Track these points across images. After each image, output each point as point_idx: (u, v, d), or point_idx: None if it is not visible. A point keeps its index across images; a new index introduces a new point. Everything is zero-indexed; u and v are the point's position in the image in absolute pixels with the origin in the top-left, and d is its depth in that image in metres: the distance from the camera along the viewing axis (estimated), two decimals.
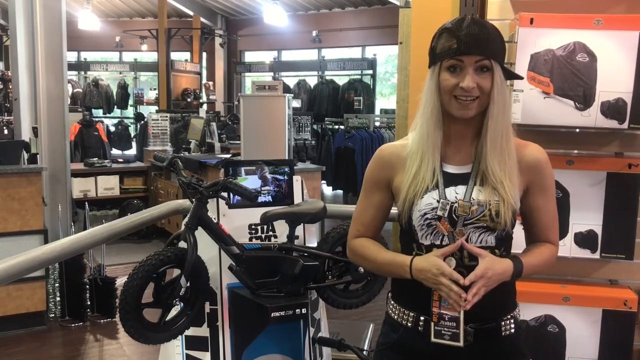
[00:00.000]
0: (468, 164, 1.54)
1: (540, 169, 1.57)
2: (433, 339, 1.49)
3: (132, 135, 13.14)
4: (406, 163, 1.55)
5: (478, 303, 1.46)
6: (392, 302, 1.62)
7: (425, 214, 1.50)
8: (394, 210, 1.66)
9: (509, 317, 1.56)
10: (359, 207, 1.68)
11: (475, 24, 1.47)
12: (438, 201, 1.50)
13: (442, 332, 1.49)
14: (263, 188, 2.54)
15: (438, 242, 1.51)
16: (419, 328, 1.52)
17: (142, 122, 11.99)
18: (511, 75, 1.57)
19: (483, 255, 1.46)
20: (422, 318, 1.52)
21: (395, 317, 1.59)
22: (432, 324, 1.49)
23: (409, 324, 1.55)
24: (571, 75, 2.05)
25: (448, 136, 1.54)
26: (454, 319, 1.47)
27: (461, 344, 1.47)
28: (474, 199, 1.49)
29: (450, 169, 1.54)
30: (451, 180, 1.52)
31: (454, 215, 1.49)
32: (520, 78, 1.61)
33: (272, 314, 2.29)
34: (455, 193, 1.51)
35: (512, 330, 1.56)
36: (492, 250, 1.51)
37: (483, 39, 1.46)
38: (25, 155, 4.76)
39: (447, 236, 1.50)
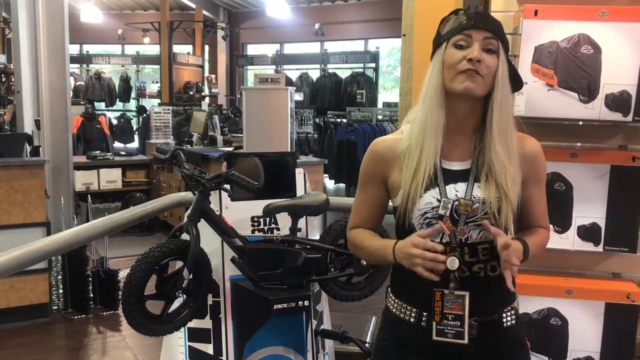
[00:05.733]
0: (467, 159, 1.52)
1: (536, 161, 1.57)
2: (435, 337, 1.48)
3: (135, 128, 13.13)
4: (402, 158, 1.53)
5: (480, 297, 1.47)
6: (392, 296, 1.61)
7: (425, 212, 1.49)
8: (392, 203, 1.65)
9: (509, 308, 1.56)
10: (356, 201, 1.67)
11: (485, 13, 1.50)
12: (438, 200, 1.48)
13: (445, 330, 1.47)
14: None
15: (437, 240, 1.49)
16: (422, 323, 1.51)
17: (145, 115, 11.97)
18: (515, 83, 1.54)
19: (501, 235, 1.43)
20: (424, 313, 1.51)
21: (397, 312, 1.57)
22: (434, 323, 1.48)
23: (412, 320, 1.53)
24: (575, 68, 2.04)
25: (447, 129, 1.51)
26: (458, 317, 1.46)
27: (465, 341, 1.46)
28: (475, 197, 1.47)
29: (450, 165, 1.52)
30: (451, 177, 1.50)
31: (455, 214, 1.48)
32: (521, 86, 1.59)
33: (275, 306, 2.30)
34: (455, 191, 1.49)
35: (513, 322, 1.56)
36: (491, 245, 1.49)
37: (492, 20, 1.48)
38: (28, 148, 4.76)
39: (449, 235, 1.48)
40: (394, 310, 1.59)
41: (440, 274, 1.42)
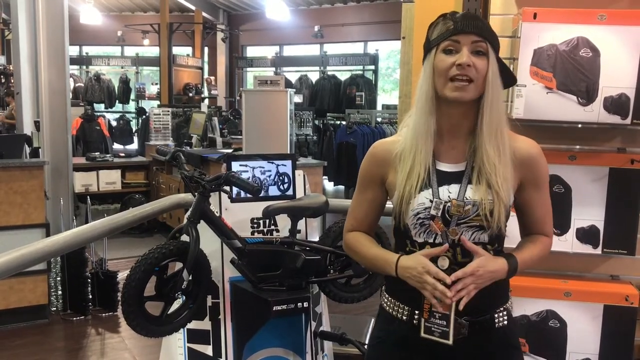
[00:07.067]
0: (462, 162, 1.53)
1: (534, 163, 1.56)
2: (423, 334, 1.50)
3: (134, 129, 13.14)
4: (397, 160, 1.55)
5: (472, 296, 1.47)
6: (387, 295, 1.62)
7: (418, 213, 1.50)
8: (390, 205, 1.66)
9: (502, 309, 1.57)
10: (354, 202, 1.69)
11: (472, 15, 1.52)
12: (431, 201, 1.49)
13: (432, 328, 1.49)
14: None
15: (431, 240, 1.51)
16: (414, 322, 1.53)
17: (144, 116, 11.98)
18: (507, 79, 1.55)
19: (479, 254, 1.47)
20: (416, 312, 1.53)
21: (390, 310, 1.59)
22: (423, 320, 1.50)
23: (404, 318, 1.55)
24: (574, 71, 2.05)
25: (442, 132, 1.53)
26: (444, 316, 1.47)
27: (450, 342, 1.47)
28: (467, 199, 1.48)
29: (444, 167, 1.53)
30: (444, 178, 1.52)
31: (447, 215, 1.49)
32: (514, 82, 1.61)
33: (274, 308, 2.30)
34: (448, 192, 1.50)
35: (505, 322, 1.57)
36: (484, 247, 1.51)
37: (479, 23, 1.48)
38: (27, 149, 4.76)
39: (441, 235, 1.50)
40: (387, 308, 1.61)
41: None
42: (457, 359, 1.52)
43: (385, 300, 1.62)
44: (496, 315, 1.55)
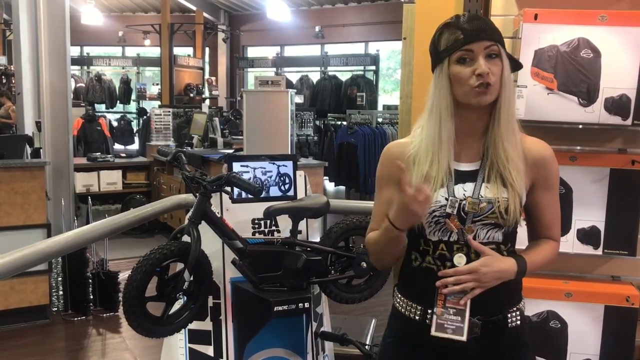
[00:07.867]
0: (476, 160, 1.54)
1: (546, 164, 1.57)
2: (433, 332, 1.49)
3: (135, 130, 13.15)
4: (411, 163, 1.55)
5: (485, 296, 1.47)
6: (399, 294, 1.63)
7: (434, 211, 1.50)
8: None
9: (514, 309, 1.57)
10: (375, 204, 1.69)
11: (474, 16, 1.51)
12: (446, 199, 1.50)
13: (445, 325, 1.48)
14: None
15: (446, 238, 1.51)
16: (427, 321, 1.53)
17: (145, 117, 11.99)
18: (514, 66, 1.57)
19: (485, 253, 1.48)
20: (429, 311, 1.52)
21: (402, 310, 1.59)
22: (435, 317, 1.49)
23: (417, 317, 1.55)
24: (575, 72, 2.05)
25: (457, 133, 1.53)
26: (459, 312, 1.47)
27: (464, 338, 1.47)
28: (482, 196, 1.49)
29: (458, 166, 1.54)
30: (459, 177, 1.52)
31: (462, 213, 1.50)
32: (521, 66, 1.63)
33: (275, 308, 2.30)
34: (463, 190, 1.51)
35: (518, 322, 1.57)
36: (497, 246, 1.51)
37: (487, 27, 1.49)
38: (29, 150, 4.76)
39: (457, 233, 1.50)
40: (400, 308, 1.61)
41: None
42: (470, 358, 1.52)
43: (398, 299, 1.62)
44: (509, 315, 1.55)
